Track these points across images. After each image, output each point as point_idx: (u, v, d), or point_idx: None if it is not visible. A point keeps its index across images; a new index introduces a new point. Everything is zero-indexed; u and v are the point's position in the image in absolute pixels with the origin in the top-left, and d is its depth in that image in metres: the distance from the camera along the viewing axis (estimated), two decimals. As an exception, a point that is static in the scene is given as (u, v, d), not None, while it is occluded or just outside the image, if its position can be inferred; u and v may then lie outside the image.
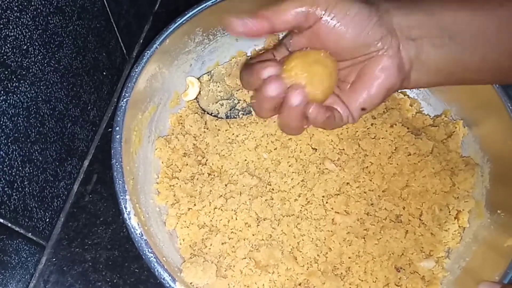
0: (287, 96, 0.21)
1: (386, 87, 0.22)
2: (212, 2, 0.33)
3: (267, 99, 0.22)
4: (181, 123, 0.36)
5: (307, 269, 0.30)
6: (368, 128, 0.35)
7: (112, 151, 0.28)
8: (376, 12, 0.21)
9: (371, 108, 0.23)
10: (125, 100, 0.30)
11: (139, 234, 0.26)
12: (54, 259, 0.33)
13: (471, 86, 0.33)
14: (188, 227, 0.31)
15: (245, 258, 0.30)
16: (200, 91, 0.37)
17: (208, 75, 0.37)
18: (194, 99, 0.37)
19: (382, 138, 0.34)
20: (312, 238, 0.31)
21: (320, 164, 0.33)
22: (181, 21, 0.32)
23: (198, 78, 0.37)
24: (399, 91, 0.38)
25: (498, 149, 0.32)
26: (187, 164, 0.33)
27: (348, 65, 0.23)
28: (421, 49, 0.22)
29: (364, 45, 0.21)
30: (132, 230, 0.26)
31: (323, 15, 0.21)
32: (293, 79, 0.22)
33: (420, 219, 0.32)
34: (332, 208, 0.32)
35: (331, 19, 0.21)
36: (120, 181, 0.27)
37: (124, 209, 0.27)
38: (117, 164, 0.28)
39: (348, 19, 0.21)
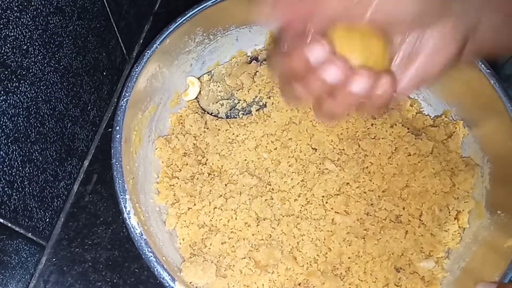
0: (350, 80, 0.19)
1: (445, 58, 0.20)
2: (212, 2, 0.33)
3: (318, 86, 0.19)
4: (181, 123, 0.36)
5: (307, 269, 0.30)
6: (368, 128, 0.35)
7: (112, 150, 0.28)
8: None
9: (428, 82, 0.21)
10: (125, 99, 0.30)
11: (139, 233, 0.26)
12: (54, 259, 0.33)
13: (472, 87, 0.33)
14: (188, 227, 0.31)
15: (244, 258, 0.30)
16: (200, 91, 0.37)
17: (209, 75, 0.37)
18: (195, 99, 0.37)
19: (382, 138, 0.34)
20: (312, 238, 0.31)
21: (320, 164, 0.33)
22: (181, 20, 0.32)
23: (199, 78, 0.37)
24: None
25: (498, 150, 0.32)
26: (187, 164, 0.33)
27: (403, 39, 0.20)
28: (480, 18, 0.20)
29: (423, 16, 0.19)
30: (132, 229, 0.26)
31: None
32: (353, 56, 0.19)
33: (420, 220, 0.32)
34: (332, 208, 0.32)
35: None
36: (120, 181, 0.27)
37: (124, 208, 0.27)
38: (117, 163, 0.28)
39: None
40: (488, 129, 0.33)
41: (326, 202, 0.32)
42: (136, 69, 0.31)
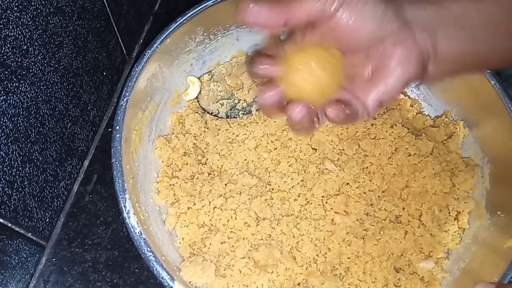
0: (288, 112, 0.21)
1: (404, 79, 0.22)
2: (212, 2, 0.33)
3: (271, 112, 0.22)
4: (182, 123, 0.36)
5: (306, 269, 0.30)
6: (368, 129, 0.35)
7: (112, 150, 0.28)
8: (391, 5, 0.21)
9: (389, 102, 0.23)
10: (125, 99, 0.30)
11: (138, 233, 0.26)
12: (54, 259, 0.33)
13: (472, 87, 0.33)
14: (187, 226, 0.31)
15: (244, 258, 0.30)
16: (200, 91, 0.37)
17: (209, 75, 0.37)
18: (195, 98, 0.37)
19: (382, 138, 0.34)
20: (311, 238, 0.31)
21: (320, 164, 0.33)
22: (182, 20, 0.32)
23: (199, 78, 0.37)
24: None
25: (498, 150, 0.32)
26: (187, 164, 0.33)
27: (362, 59, 0.22)
28: (436, 40, 0.21)
29: (380, 39, 0.21)
30: (131, 229, 0.26)
31: (340, 8, 0.20)
32: (293, 88, 0.21)
33: (419, 220, 0.32)
34: (332, 208, 0.32)
35: (348, 13, 0.20)
36: (120, 180, 0.27)
37: (123, 208, 0.27)
38: (117, 163, 0.28)
39: (364, 12, 0.20)
40: (488, 129, 0.33)
41: (326, 202, 0.32)
42: (137, 69, 0.31)
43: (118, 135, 0.28)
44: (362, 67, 0.22)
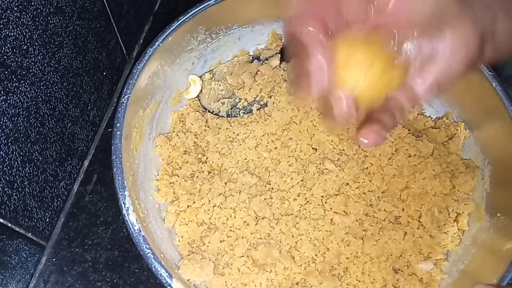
0: (335, 104, 0.20)
1: (465, 61, 0.20)
2: (215, 1, 0.33)
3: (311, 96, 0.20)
4: (182, 121, 0.36)
5: (305, 268, 0.30)
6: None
7: (112, 147, 0.28)
8: None
9: (447, 85, 0.21)
10: (126, 96, 0.30)
11: (137, 230, 0.26)
12: (54, 259, 0.33)
13: (474, 89, 0.33)
14: (187, 224, 0.31)
15: (243, 256, 0.30)
16: (201, 90, 0.37)
17: (210, 74, 0.38)
18: (196, 97, 0.37)
19: (383, 139, 0.34)
20: (310, 238, 0.31)
21: (320, 164, 0.33)
22: (184, 19, 0.32)
23: (200, 77, 0.37)
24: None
25: (499, 152, 0.32)
26: (187, 162, 0.33)
27: (418, 42, 0.20)
28: (495, 19, 0.20)
29: (440, 16, 0.19)
30: (130, 226, 0.26)
31: None
32: (345, 83, 0.19)
33: (419, 221, 0.32)
34: (331, 208, 0.32)
35: None
36: (119, 177, 0.27)
37: (122, 205, 0.27)
38: (117, 160, 0.28)
39: None
40: (489, 131, 0.33)
41: (325, 202, 0.32)
42: (138, 67, 0.31)
43: (118, 132, 0.28)
44: (418, 49, 0.20)
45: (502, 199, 0.31)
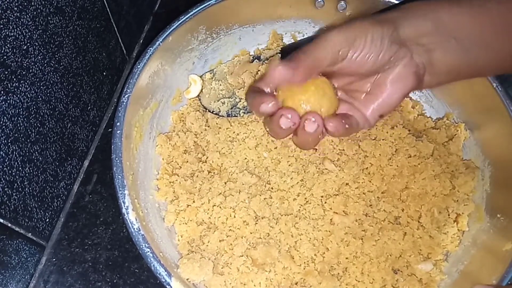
0: (303, 124, 0.23)
1: (402, 93, 0.24)
2: (215, 1, 0.33)
3: (281, 130, 0.23)
4: (183, 120, 0.36)
5: (304, 268, 0.30)
6: (368, 130, 0.35)
7: (112, 146, 0.28)
8: (387, 31, 0.23)
9: (388, 113, 0.25)
10: (126, 95, 0.30)
11: (137, 228, 0.26)
12: (54, 259, 0.33)
13: (475, 90, 0.33)
14: (186, 224, 0.31)
15: (242, 256, 0.30)
16: (202, 89, 0.37)
17: (211, 73, 0.38)
18: (196, 96, 0.37)
19: (383, 139, 0.34)
20: (310, 238, 0.31)
21: (319, 164, 0.33)
22: (184, 18, 0.32)
23: (201, 76, 0.37)
24: None
25: (499, 153, 0.32)
26: (187, 161, 0.34)
27: (362, 78, 0.24)
28: (432, 54, 0.23)
29: (381, 65, 0.23)
30: (130, 224, 0.27)
31: (348, 53, 0.23)
32: (306, 105, 0.23)
33: (419, 222, 0.32)
34: (331, 208, 0.32)
35: (354, 54, 0.23)
36: (119, 176, 0.27)
37: (122, 203, 0.27)
38: (116, 159, 0.28)
39: (366, 49, 0.22)
40: (489, 132, 0.33)
41: (325, 202, 0.32)
42: (138, 66, 0.31)
43: (118, 132, 0.28)
44: (362, 83, 0.25)
45: (502, 200, 0.31)
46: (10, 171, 0.27)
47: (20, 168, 0.28)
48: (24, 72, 0.26)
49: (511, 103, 0.31)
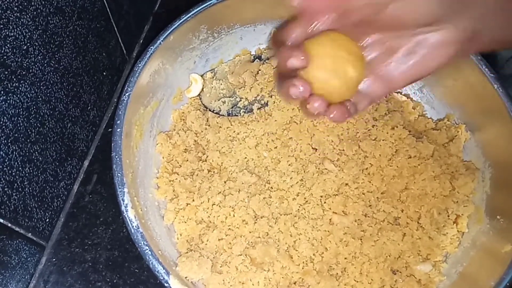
0: (308, 102, 0.21)
1: (442, 58, 0.22)
2: (217, 0, 0.33)
3: (289, 96, 0.22)
4: (183, 119, 0.36)
5: (303, 268, 0.30)
6: (369, 130, 0.35)
7: (113, 144, 0.28)
8: None
9: (420, 79, 0.23)
10: (127, 94, 0.30)
11: (136, 226, 0.27)
12: (54, 259, 0.33)
13: (475, 91, 0.33)
14: (185, 222, 0.31)
15: (241, 255, 0.30)
16: (203, 88, 0.37)
17: (212, 73, 0.38)
18: (197, 96, 0.37)
19: (383, 140, 0.34)
20: (309, 238, 0.31)
21: (319, 164, 0.33)
22: (186, 17, 0.32)
23: (202, 75, 0.37)
24: (403, 93, 0.38)
25: (500, 155, 0.32)
26: (187, 160, 0.34)
27: (398, 35, 0.22)
28: (477, 22, 0.21)
29: (426, 23, 0.21)
30: (129, 222, 0.27)
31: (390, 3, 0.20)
32: (319, 85, 0.21)
33: (418, 222, 0.32)
34: (330, 208, 0.32)
35: (399, 4, 0.20)
36: (119, 174, 0.27)
37: (121, 201, 0.27)
38: (116, 157, 0.28)
39: (412, 3, 0.20)
40: (490, 134, 0.33)
41: (325, 202, 0.32)
42: (139, 64, 0.31)
43: (118, 130, 0.28)
44: (400, 42, 0.22)
45: (502, 201, 0.31)
46: (10, 171, 0.27)
47: (20, 168, 0.28)
48: (24, 72, 0.26)
49: (512, 104, 0.31)
